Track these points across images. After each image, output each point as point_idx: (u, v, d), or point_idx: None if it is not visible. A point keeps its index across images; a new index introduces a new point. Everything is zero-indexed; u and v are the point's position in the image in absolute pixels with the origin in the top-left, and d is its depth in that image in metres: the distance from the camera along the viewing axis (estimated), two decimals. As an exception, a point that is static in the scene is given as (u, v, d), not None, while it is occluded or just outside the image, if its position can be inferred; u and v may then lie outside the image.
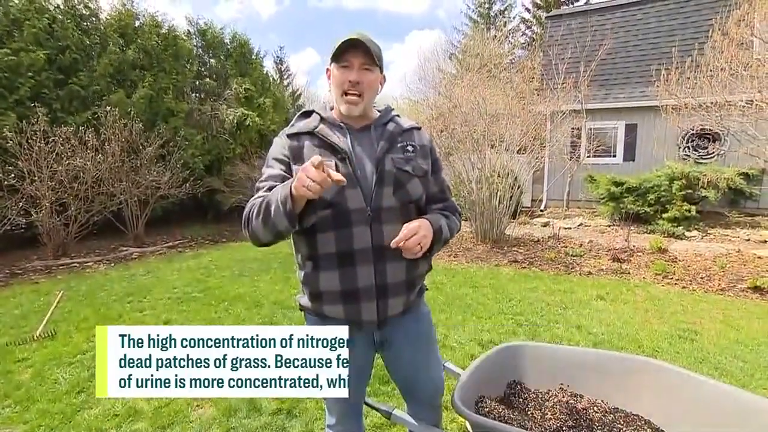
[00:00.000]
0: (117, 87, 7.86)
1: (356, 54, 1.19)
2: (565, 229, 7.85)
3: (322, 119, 1.29)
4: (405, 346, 1.36)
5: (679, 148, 8.53)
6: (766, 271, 4.75)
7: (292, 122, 1.33)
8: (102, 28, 8.17)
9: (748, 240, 6.44)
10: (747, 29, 5.15)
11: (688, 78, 5.61)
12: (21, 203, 5.77)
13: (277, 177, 1.22)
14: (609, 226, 7.90)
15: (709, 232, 6.98)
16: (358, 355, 1.29)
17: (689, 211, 6.98)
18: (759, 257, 5.31)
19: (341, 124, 1.28)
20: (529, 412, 1.55)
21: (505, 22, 20.78)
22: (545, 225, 8.28)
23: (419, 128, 1.39)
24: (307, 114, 1.32)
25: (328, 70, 1.28)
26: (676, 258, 5.42)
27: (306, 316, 1.38)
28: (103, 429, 2.16)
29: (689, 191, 7.12)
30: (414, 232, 1.16)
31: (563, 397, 1.62)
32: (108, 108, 6.74)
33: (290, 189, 1.03)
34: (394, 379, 1.49)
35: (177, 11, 29.61)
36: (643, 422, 1.48)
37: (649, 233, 7.01)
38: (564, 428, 1.44)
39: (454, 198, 1.49)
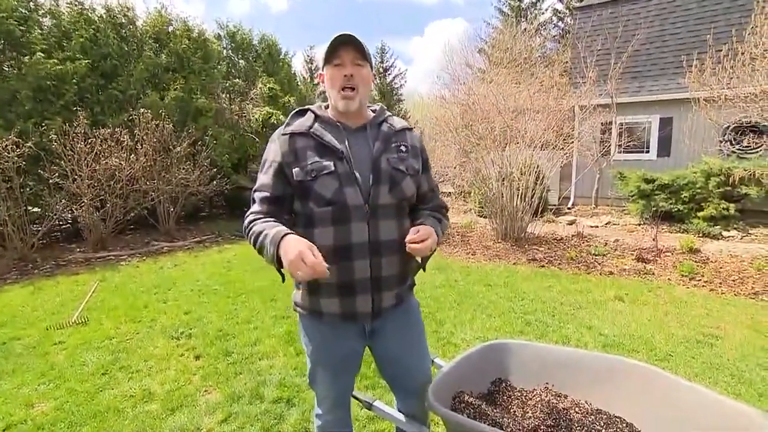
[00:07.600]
0: (151, 90, 8.30)
1: (347, 50, 1.25)
2: (592, 227, 7.57)
3: (317, 117, 1.31)
4: (395, 336, 1.41)
5: (721, 142, 8.00)
6: (809, 274, 4.41)
7: (287, 121, 1.34)
8: (139, 35, 8.65)
9: (795, 241, 5.98)
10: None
11: (724, 67, 5.24)
12: (64, 200, 6.24)
13: (269, 187, 1.29)
14: (638, 225, 7.54)
15: (750, 232, 6.53)
16: (350, 345, 1.37)
17: (727, 210, 6.56)
18: (803, 259, 4.93)
19: (337, 123, 1.31)
20: (511, 410, 1.56)
21: (536, 15, 20.14)
22: (571, 223, 8.01)
23: (411, 129, 1.45)
24: (302, 112, 1.35)
25: (320, 74, 1.33)
26: (707, 259, 5.12)
27: (300, 317, 1.41)
28: (119, 408, 2.34)
29: (728, 188, 6.67)
30: (426, 237, 1.23)
31: (546, 396, 1.61)
32: (141, 110, 7.14)
33: (279, 252, 1.10)
34: (384, 370, 1.52)
35: (190, 9, 30.47)
36: (624, 425, 1.44)
37: (683, 233, 6.65)
38: (542, 427, 1.43)
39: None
